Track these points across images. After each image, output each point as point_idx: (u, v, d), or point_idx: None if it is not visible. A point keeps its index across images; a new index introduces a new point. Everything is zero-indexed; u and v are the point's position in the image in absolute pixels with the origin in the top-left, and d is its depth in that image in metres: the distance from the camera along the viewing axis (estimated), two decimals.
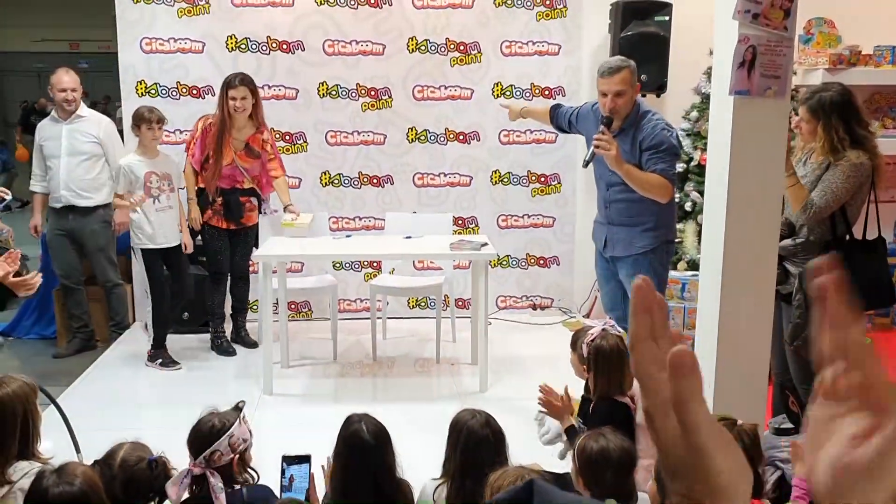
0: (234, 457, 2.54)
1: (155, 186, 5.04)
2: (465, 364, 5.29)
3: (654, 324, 0.59)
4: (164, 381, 5.19)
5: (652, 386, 0.58)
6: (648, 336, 0.59)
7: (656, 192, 4.03)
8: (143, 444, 2.56)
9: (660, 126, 4.04)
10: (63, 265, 5.53)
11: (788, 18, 3.17)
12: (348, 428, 2.57)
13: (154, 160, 5.08)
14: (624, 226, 4.22)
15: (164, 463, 2.50)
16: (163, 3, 5.84)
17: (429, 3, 6.01)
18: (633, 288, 0.60)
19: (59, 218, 5.47)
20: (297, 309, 6.25)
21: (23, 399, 2.62)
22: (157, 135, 5.04)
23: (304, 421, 4.37)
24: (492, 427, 2.55)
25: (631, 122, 4.10)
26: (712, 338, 3.47)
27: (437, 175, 6.23)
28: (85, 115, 5.50)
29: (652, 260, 4.15)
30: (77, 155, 5.40)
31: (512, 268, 6.40)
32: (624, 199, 4.18)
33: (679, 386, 0.56)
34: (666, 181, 4.02)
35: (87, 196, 5.43)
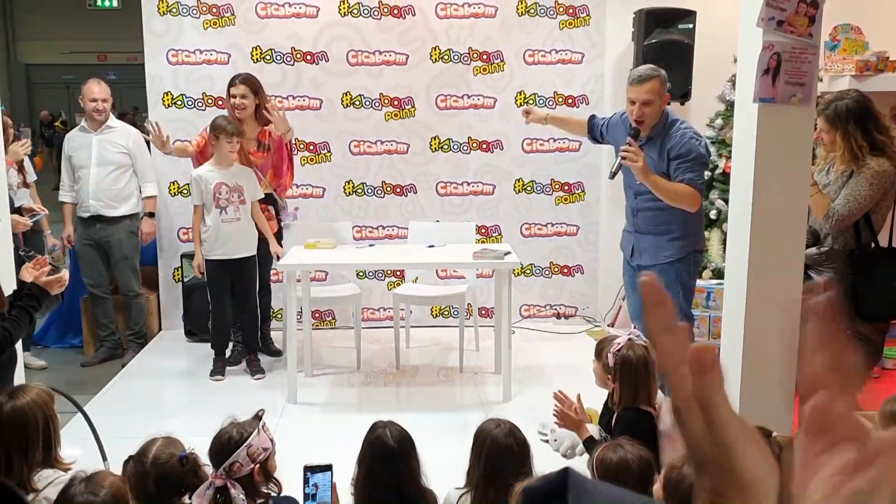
0: (254, 467, 2.55)
1: (224, 197, 5.04)
2: (488, 373, 5.28)
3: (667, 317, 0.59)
4: (189, 390, 5.23)
5: (676, 380, 0.57)
6: (664, 329, 0.58)
7: (684, 202, 4.01)
8: (175, 439, 2.57)
9: (688, 135, 4.02)
10: (91, 274, 5.60)
11: (813, 25, 3.15)
12: (372, 433, 2.58)
13: (226, 171, 5.05)
14: (651, 234, 4.20)
15: (195, 459, 2.52)
16: (189, 15, 5.91)
17: (452, 13, 6.03)
18: (642, 283, 0.60)
19: (87, 227, 5.53)
20: (320, 318, 6.28)
21: (42, 407, 2.65)
22: (234, 147, 5.00)
23: (328, 430, 4.38)
24: (516, 437, 2.54)
25: (659, 131, 4.10)
26: (738, 347, 3.44)
27: (460, 184, 6.24)
28: (115, 126, 5.57)
29: (679, 269, 4.12)
30: (106, 165, 5.47)
31: (536, 276, 6.39)
32: (651, 207, 4.17)
33: (701, 383, 0.56)
34: (694, 190, 3.99)
35: (114, 206, 5.50)
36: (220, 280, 5.16)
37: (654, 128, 4.10)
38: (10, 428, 2.59)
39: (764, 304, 3.37)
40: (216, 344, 5.31)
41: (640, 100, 4.04)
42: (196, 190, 5.07)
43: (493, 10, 6.04)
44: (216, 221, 5.05)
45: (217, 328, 5.28)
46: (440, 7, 6.01)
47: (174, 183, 6.08)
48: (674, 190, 3.99)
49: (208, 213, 5.06)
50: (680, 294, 4.10)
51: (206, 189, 5.03)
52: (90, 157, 5.46)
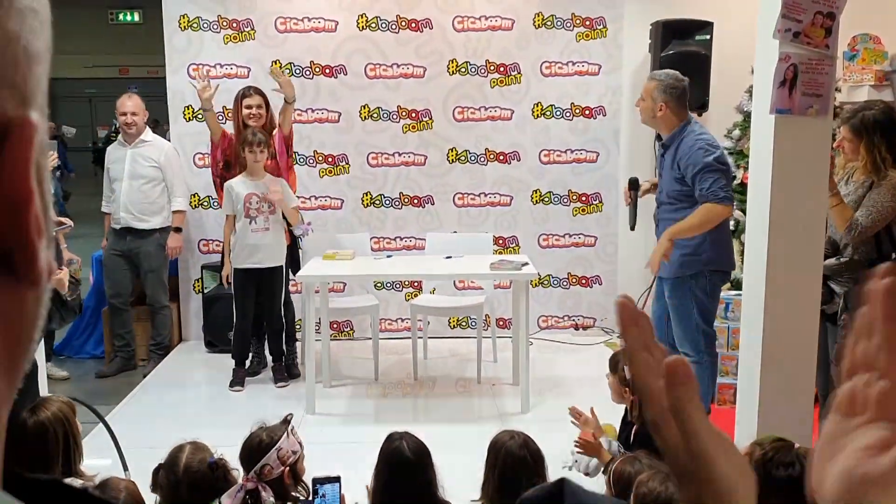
0: (284, 469, 2.59)
1: (254, 207, 5.07)
2: (506, 384, 5.28)
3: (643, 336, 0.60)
4: (209, 400, 5.27)
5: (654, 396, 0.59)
6: (642, 348, 0.60)
7: (710, 221, 3.98)
8: (202, 444, 2.59)
9: (698, 145, 4.02)
10: (114, 285, 5.65)
11: (830, 37, 3.14)
12: (389, 445, 2.59)
13: (257, 182, 5.09)
14: None
15: (224, 465, 2.55)
16: (209, 30, 5.98)
17: (469, 26, 6.06)
18: (617, 305, 0.62)
19: (118, 239, 5.61)
20: (338, 329, 6.30)
21: (63, 420, 2.68)
22: (259, 157, 5.03)
23: (346, 440, 4.40)
24: (530, 448, 2.55)
25: (672, 138, 4.13)
26: (756, 358, 3.43)
27: (478, 195, 6.25)
28: (149, 139, 5.64)
29: (692, 286, 4.09)
30: (137, 178, 5.54)
31: (553, 287, 6.39)
32: (668, 218, 4.19)
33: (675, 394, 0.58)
34: (710, 204, 3.96)
35: (144, 219, 5.56)
36: (246, 289, 5.18)
37: (670, 136, 4.14)
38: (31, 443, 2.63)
39: (782, 315, 3.36)
40: (237, 354, 5.33)
41: (641, 94, 4.24)
42: (228, 200, 5.10)
43: (510, 23, 6.07)
44: (245, 231, 5.09)
45: (239, 338, 5.30)
46: (457, 20, 6.05)
47: (195, 195, 6.14)
48: (695, 222, 3.98)
49: (238, 222, 5.10)
50: (694, 310, 4.08)
51: (238, 199, 5.07)
52: (123, 170, 5.53)
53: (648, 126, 4.36)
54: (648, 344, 0.61)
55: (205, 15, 5.96)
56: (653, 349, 0.61)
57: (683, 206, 4.10)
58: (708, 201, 3.97)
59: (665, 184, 4.20)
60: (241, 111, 5.20)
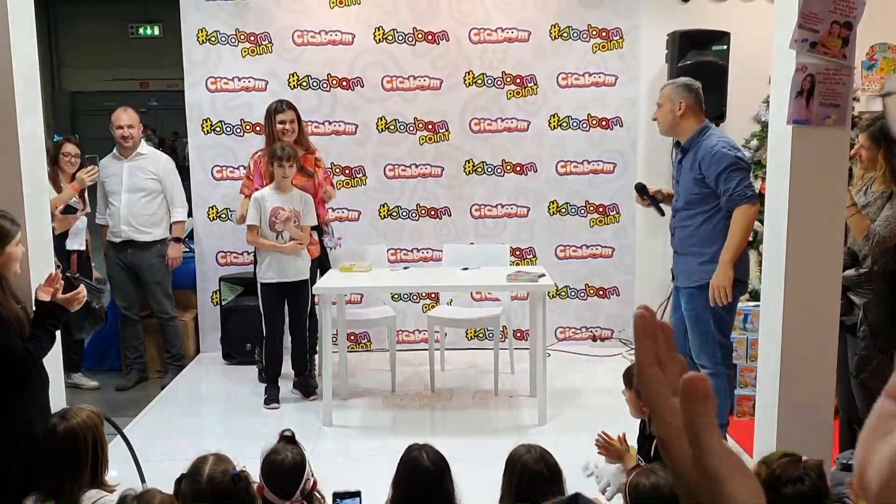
0: (314, 480, 2.62)
1: (280, 221, 5.10)
2: (523, 396, 5.26)
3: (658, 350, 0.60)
4: (227, 413, 5.29)
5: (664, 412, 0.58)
6: (654, 362, 0.60)
7: (748, 223, 3.95)
8: (224, 456, 2.60)
9: (720, 145, 3.99)
10: (125, 296, 5.69)
11: (847, 47, 3.13)
12: (408, 455, 2.59)
13: (285, 196, 5.10)
14: (685, 255, 4.18)
15: (247, 476, 2.55)
16: (227, 43, 6.03)
17: (485, 38, 6.08)
18: (635, 317, 0.61)
19: (119, 252, 5.63)
20: (356, 340, 6.31)
21: (92, 428, 2.71)
22: (288, 172, 5.04)
23: (363, 452, 4.40)
24: (546, 462, 2.54)
25: (690, 142, 4.11)
26: (775, 370, 3.40)
27: (495, 206, 6.26)
28: (145, 152, 5.67)
29: (708, 295, 4.06)
30: (137, 191, 5.57)
31: (571, 298, 6.37)
32: (684, 226, 4.16)
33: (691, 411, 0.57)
34: (743, 206, 3.91)
35: (145, 231, 5.59)
36: (274, 304, 5.17)
37: (689, 139, 4.12)
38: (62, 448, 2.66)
39: (801, 326, 3.33)
40: (269, 370, 5.23)
41: (657, 104, 4.24)
42: (255, 210, 5.11)
43: (526, 35, 6.08)
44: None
45: (270, 356, 5.22)
46: (473, 32, 6.07)
47: (212, 207, 6.18)
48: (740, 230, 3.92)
49: (264, 236, 5.11)
50: (711, 321, 4.05)
51: (265, 212, 5.08)
52: (121, 184, 5.56)
53: (668, 135, 4.31)
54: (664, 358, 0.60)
55: (223, 28, 6.01)
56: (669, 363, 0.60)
57: (700, 212, 4.07)
58: (739, 203, 3.92)
59: (683, 189, 4.15)
60: (275, 126, 5.24)
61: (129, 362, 5.81)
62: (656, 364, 0.60)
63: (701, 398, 0.57)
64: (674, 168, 4.37)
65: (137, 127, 5.65)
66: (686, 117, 4.11)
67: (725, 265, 3.93)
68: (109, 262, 5.72)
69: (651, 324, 0.61)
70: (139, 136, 5.66)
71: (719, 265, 3.94)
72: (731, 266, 3.93)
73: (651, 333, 0.60)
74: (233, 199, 6.16)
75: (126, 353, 5.83)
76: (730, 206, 3.95)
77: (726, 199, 3.94)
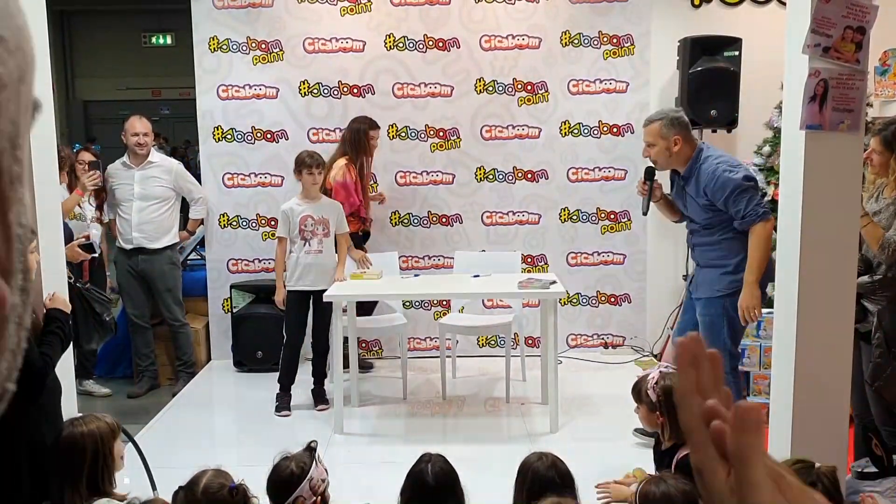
0: (316, 499, 2.57)
1: (308, 230, 5.11)
2: (535, 403, 5.24)
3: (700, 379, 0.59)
4: (238, 420, 5.29)
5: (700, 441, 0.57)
6: (694, 390, 0.58)
7: (766, 242, 3.93)
8: (224, 471, 2.60)
9: (721, 168, 3.97)
10: (136, 303, 5.71)
11: (860, 51, 3.11)
12: (416, 467, 2.58)
13: (313, 204, 5.12)
14: (706, 267, 4.19)
15: (245, 491, 2.54)
16: (239, 51, 6.05)
17: (496, 45, 6.08)
18: (678, 344, 0.60)
19: (129, 258, 5.65)
20: (367, 348, 6.30)
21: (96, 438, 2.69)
22: (317, 179, 5.09)
23: (374, 460, 4.39)
24: (558, 469, 2.52)
25: (690, 168, 4.11)
26: (789, 377, 3.37)
27: (506, 213, 6.25)
28: (156, 160, 5.70)
29: (726, 304, 4.04)
30: (149, 200, 5.61)
31: (582, 306, 6.35)
32: (704, 242, 4.18)
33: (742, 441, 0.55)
34: (758, 225, 3.91)
35: (157, 238, 5.62)
36: (298, 311, 5.17)
37: (687, 167, 4.11)
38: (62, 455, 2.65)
39: (815, 333, 3.30)
40: (285, 377, 5.21)
41: (645, 142, 4.19)
42: (283, 222, 5.14)
43: (536, 42, 6.08)
44: (299, 253, 5.12)
45: (287, 362, 5.21)
46: (484, 39, 6.07)
47: (224, 215, 6.19)
48: (759, 251, 3.92)
49: (293, 244, 5.13)
50: (724, 329, 4.04)
51: (294, 222, 5.10)
52: (132, 192, 5.58)
53: (668, 168, 4.25)
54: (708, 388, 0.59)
55: (234, 37, 6.04)
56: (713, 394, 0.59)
57: (719, 229, 4.09)
58: (753, 223, 3.92)
59: (694, 213, 4.17)
60: (370, 142, 5.51)
61: (141, 370, 5.82)
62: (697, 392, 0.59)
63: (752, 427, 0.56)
64: (674, 194, 4.35)
65: (151, 135, 5.70)
66: (682, 150, 4.11)
67: (752, 286, 3.93)
68: (120, 270, 5.73)
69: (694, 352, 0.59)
70: (151, 145, 5.71)
71: (745, 286, 3.94)
72: (756, 286, 3.93)
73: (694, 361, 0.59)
74: (244, 206, 6.18)
75: (137, 360, 5.84)
76: (744, 228, 3.96)
77: (739, 221, 3.95)
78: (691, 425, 0.58)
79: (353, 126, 5.60)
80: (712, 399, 0.58)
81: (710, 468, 0.56)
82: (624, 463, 4.26)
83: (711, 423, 0.57)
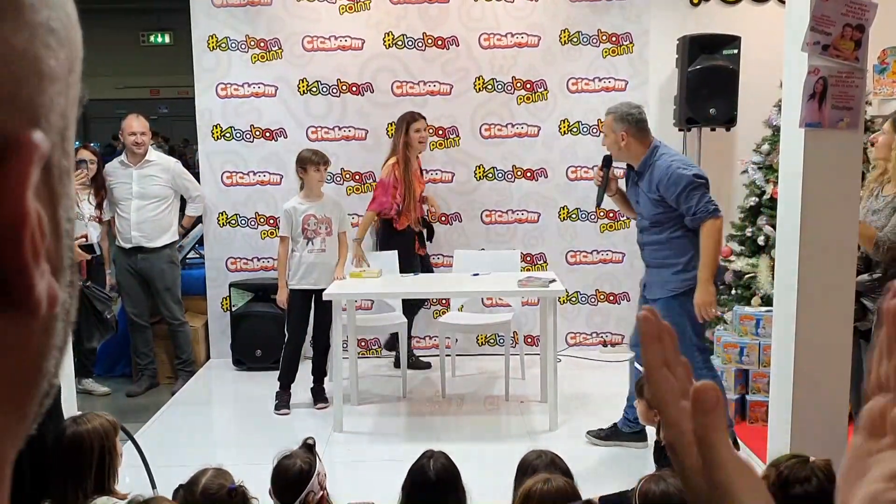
0: (323, 493, 2.59)
1: (311, 229, 5.11)
2: (534, 402, 5.24)
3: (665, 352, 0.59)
4: (237, 418, 5.29)
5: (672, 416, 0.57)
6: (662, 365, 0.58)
7: (717, 239, 4.02)
8: (225, 471, 2.59)
9: (674, 165, 4.05)
10: (135, 302, 5.70)
11: (859, 49, 3.11)
12: (418, 462, 2.58)
13: (315, 203, 5.13)
14: (658, 268, 4.23)
15: (244, 492, 2.54)
16: (237, 49, 6.04)
17: (495, 43, 6.08)
18: (640, 318, 0.60)
19: (128, 257, 5.65)
20: (366, 346, 6.30)
21: (101, 436, 2.69)
22: (324, 176, 5.12)
23: (374, 458, 4.39)
24: (557, 467, 2.52)
25: (644, 164, 4.18)
26: (789, 375, 3.38)
27: (505, 212, 6.25)
28: (153, 159, 5.69)
29: (683, 302, 4.08)
30: (148, 199, 5.60)
31: (581, 304, 6.35)
32: (653, 240, 4.23)
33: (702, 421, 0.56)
34: (708, 222, 3.98)
35: (155, 237, 5.62)
36: (300, 310, 5.17)
37: (641, 163, 4.18)
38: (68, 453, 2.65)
39: (814, 330, 3.31)
40: (285, 376, 5.21)
41: (601, 131, 4.36)
42: (286, 222, 5.13)
43: (535, 40, 6.08)
44: (302, 252, 5.12)
45: (288, 360, 5.20)
46: (483, 37, 6.07)
47: (223, 214, 6.19)
48: (710, 248, 3.99)
49: (295, 243, 5.13)
50: (688, 327, 4.08)
51: (296, 221, 5.10)
52: (131, 191, 5.58)
53: (621, 161, 4.35)
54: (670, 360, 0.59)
55: (233, 35, 6.03)
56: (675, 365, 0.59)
57: (668, 227, 4.14)
58: (703, 220, 3.98)
59: (645, 209, 4.22)
60: (411, 135, 5.49)
61: (140, 368, 5.82)
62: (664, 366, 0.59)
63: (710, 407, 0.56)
64: (628, 190, 4.41)
65: (149, 134, 5.70)
66: (631, 145, 4.17)
67: (706, 283, 3.99)
68: (119, 268, 5.73)
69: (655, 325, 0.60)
70: (149, 144, 5.71)
71: (699, 284, 3.99)
72: (711, 283, 3.99)
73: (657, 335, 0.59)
74: (243, 204, 6.18)
75: (136, 359, 5.84)
76: (695, 225, 4.02)
77: (690, 218, 4.01)
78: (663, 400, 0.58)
79: (397, 123, 5.64)
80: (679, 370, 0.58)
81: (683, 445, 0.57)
82: (622, 461, 4.27)
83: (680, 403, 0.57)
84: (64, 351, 0.41)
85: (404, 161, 5.49)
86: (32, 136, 0.36)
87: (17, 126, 0.36)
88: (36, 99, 0.37)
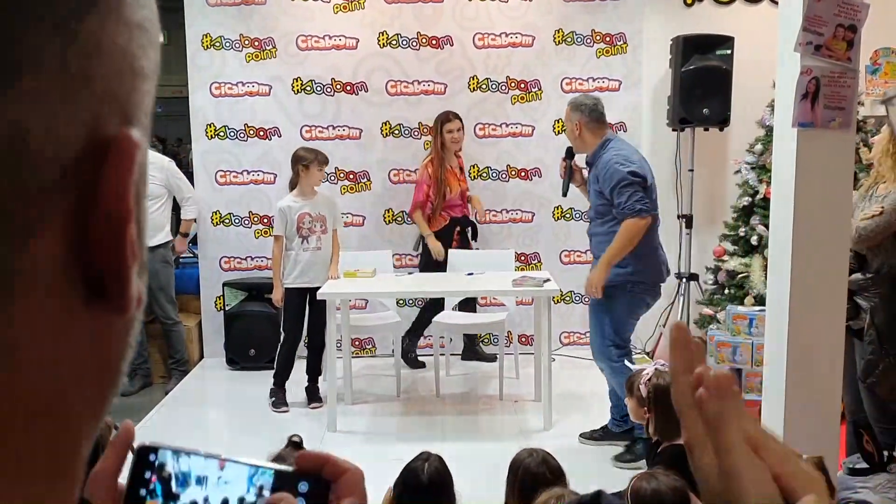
0: None
1: (306, 227, 5.11)
2: (528, 401, 5.25)
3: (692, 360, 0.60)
4: (230, 417, 5.28)
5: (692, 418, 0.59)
6: (687, 370, 0.60)
7: (634, 236, 4.12)
8: None
9: (614, 160, 4.16)
10: None
11: (852, 49, 3.12)
12: (412, 463, 2.58)
13: (309, 201, 5.13)
14: (598, 259, 4.32)
15: None
16: (231, 48, 6.04)
17: (490, 43, 6.08)
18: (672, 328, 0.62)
19: None
20: (360, 346, 6.30)
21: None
22: (324, 175, 5.16)
23: (368, 458, 4.37)
24: (549, 464, 2.53)
25: (594, 156, 4.32)
26: (781, 375, 3.39)
27: (500, 211, 6.25)
28: None
29: (609, 293, 4.21)
30: None
31: (575, 303, 6.35)
32: (597, 232, 4.37)
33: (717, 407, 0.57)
34: (630, 220, 4.10)
35: (149, 236, 5.58)
36: (297, 308, 5.17)
37: (592, 154, 4.31)
38: None
39: (807, 329, 3.32)
40: (281, 373, 5.21)
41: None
42: (280, 221, 5.13)
43: (530, 40, 6.08)
44: (297, 250, 5.12)
45: (285, 358, 5.20)
46: (478, 37, 6.07)
47: (216, 213, 6.18)
48: (623, 241, 4.13)
49: (291, 242, 5.13)
50: (607, 322, 4.24)
51: (291, 220, 5.10)
52: None
53: (578, 151, 4.49)
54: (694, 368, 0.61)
55: (227, 34, 6.02)
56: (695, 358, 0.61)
57: (608, 220, 4.25)
58: (627, 217, 4.11)
59: (592, 200, 4.38)
60: (444, 135, 5.56)
61: (133, 367, 5.81)
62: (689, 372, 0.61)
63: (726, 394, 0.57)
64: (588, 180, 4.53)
65: None
66: (584, 136, 4.30)
67: (603, 265, 4.17)
68: None
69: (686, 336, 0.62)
70: None
71: (598, 265, 4.19)
72: (608, 267, 4.16)
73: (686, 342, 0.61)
74: (237, 203, 6.17)
75: None
76: (621, 219, 4.15)
77: (618, 212, 4.15)
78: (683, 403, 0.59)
79: (434, 122, 5.71)
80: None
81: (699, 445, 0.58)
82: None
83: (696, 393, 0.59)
84: (134, 351, 0.41)
85: (439, 160, 5.57)
86: (133, 135, 0.37)
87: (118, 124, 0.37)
88: (133, 98, 0.38)
